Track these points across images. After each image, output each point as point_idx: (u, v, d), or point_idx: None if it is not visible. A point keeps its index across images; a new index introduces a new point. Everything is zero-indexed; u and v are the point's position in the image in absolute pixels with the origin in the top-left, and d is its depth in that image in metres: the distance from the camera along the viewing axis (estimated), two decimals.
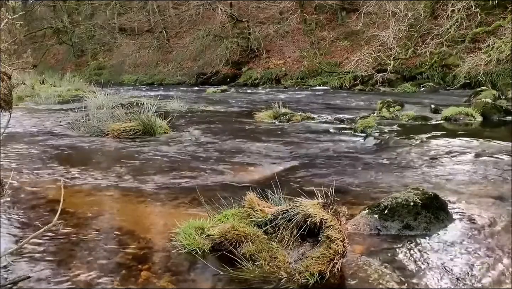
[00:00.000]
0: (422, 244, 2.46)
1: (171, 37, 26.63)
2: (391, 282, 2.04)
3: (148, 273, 2.17)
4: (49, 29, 30.40)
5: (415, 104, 9.13)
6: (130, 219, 3.00)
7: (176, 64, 24.15)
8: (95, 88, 9.12)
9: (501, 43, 12.88)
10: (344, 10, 20.37)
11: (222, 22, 22.46)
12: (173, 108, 9.72)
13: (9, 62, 5.79)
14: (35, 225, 2.81)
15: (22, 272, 2.16)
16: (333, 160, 4.70)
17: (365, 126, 6.15)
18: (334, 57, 18.83)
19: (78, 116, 6.94)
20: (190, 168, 4.43)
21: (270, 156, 4.90)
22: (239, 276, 2.12)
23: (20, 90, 11.92)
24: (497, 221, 2.73)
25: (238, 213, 2.53)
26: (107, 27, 29.27)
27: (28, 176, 4.11)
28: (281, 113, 7.75)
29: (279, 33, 20.99)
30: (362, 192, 3.49)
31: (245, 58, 21.72)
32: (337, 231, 2.12)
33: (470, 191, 3.39)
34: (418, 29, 15.72)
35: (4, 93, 2.34)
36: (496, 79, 12.31)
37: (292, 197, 2.44)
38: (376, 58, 15.38)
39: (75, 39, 30.27)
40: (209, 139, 6.01)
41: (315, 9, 21.35)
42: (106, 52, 29.50)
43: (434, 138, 5.49)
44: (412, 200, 2.69)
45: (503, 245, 2.40)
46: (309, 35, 20.16)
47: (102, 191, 3.67)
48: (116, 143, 5.83)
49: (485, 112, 7.05)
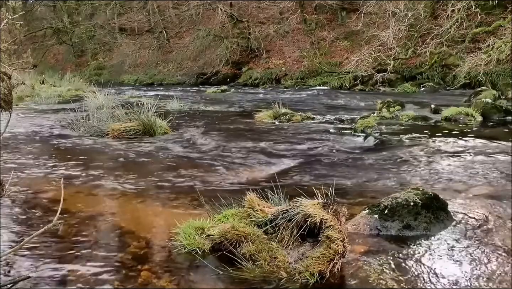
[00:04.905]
0: (422, 244, 2.46)
1: (171, 37, 26.63)
2: (391, 282, 2.04)
3: (148, 273, 2.17)
4: (49, 29, 30.40)
5: (415, 104, 9.13)
6: (130, 219, 3.00)
7: (176, 64, 24.16)
8: (95, 88, 9.11)
9: (501, 43, 12.88)
10: (344, 10, 20.38)
11: (222, 22, 22.47)
12: (173, 108, 9.73)
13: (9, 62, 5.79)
14: (35, 225, 2.81)
15: (22, 272, 2.16)
16: (333, 160, 4.71)
17: (365, 126, 6.15)
18: (334, 57, 18.84)
19: (78, 116, 6.95)
20: (190, 168, 4.43)
21: (270, 156, 4.90)
22: (239, 276, 2.12)
23: (20, 90, 11.91)
24: (497, 221, 2.74)
25: (238, 213, 2.53)
26: (107, 27, 29.28)
27: (28, 176, 4.11)
28: (281, 113, 7.74)
29: (279, 33, 21.00)
30: (362, 192, 3.49)
31: (245, 58, 21.72)
32: (337, 231, 2.12)
33: (470, 191, 3.39)
34: (418, 29, 15.72)
35: (4, 93, 2.35)
36: (496, 79, 12.31)
37: (292, 197, 2.44)
38: (376, 58, 15.38)
39: (75, 39, 30.28)
40: (209, 140, 6.01)
41: (315, 9, 21.35)
42: (106, 52, 29.51)
43: (434, 138, 5.49)
44: (412, 200, 2.69)
45: (503, 245, 2.40)
46: (309, 35, 20.16)
47: (102, 190, 3.67)
48: (116, 143, 5.83)
49: (485, 112, 7.04)
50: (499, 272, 2.12)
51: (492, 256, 2.27)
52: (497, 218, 2.77)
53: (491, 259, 2.24)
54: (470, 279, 2.06)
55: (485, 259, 2.25)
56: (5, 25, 3.82)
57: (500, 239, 2.49)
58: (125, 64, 26.38)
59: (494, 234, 2.56)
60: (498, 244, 2.42)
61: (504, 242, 2.44)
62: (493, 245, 2.41)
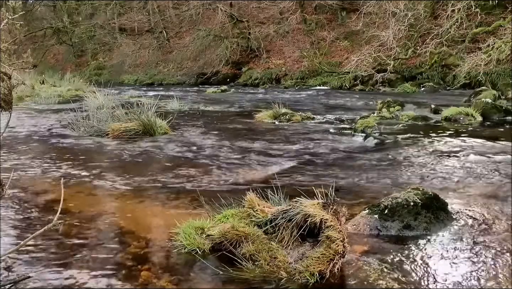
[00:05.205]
0: (422, 244, 2.46)
1: (171, 37, 26.62)
2: (391, 282, 2.04)
3: (148, 273, 2.17)
4: (49, 29, 30.39)
5: (415, 104, 9.12)
6: (130, 219, 3.00)
7: (176, 64, 24.16)
8: (95, 88, 9.11)
9: (501, 43, 12.87)
10: (344, 10, 20.37)
11: (222, 22, 22.47)
12: (173, 108, 9.72)
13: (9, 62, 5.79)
14: (35, 225, 2.81)
15: (22, 272, 2.16)
16: (333, 160, 4.71)
17: (365, 126, 6.15)
18: (334, 57, 18.83)
19: (78, 116, 6.95)
20: (190, 167, 4.43)
21: (270, 156, 4.90)
22: (239, 276, 2.12)
23: (20, 90, 11.91)
24: (497, 221, 2.74)
25: (238, 213, 2.53)
26: (107, 27, 29.28)
27: (28, 176, 4.11)
28: (281, 113, 7.74)
29: (279, 33, 20.99)
30: (362, 192, 3.49)
31: (245, 58, 21.71)
32: (337, 231, 2.12)
33: (470, 191, 3.39)
34: (418, 29, 15.72)
35: (4, 93, 2.34)
36: (496, 79, 12.31)
37: (292, 197, 2.44)
38: (376, 58, 15.38)
39: (75, 39, 30.27)
40: (209, 140, 6.01)
41: (315, 9, 21.35)
42: (106, 52, 29.50)
43: (434, 138, 5.49)
44: (412, 200, 2.69)
45: (503, 245, 2.40)
46: (309, 35, 20.16)
47: (102, 190, 3.67)
48: (116, 143, 5.83)
49: (485, 112, 7.04)
50: (499, 272, 2.12)
51: (492, 256, 2.27)
52: (497, 218, 2.77)
53: (491, 259, 2.24)
54: (470, 279, 2.06)
55: (485, 259, 2.25)
56: (5, 25, 3.82)
57: (500, 239, 2.49)
58: (125, 64, 26.38)
59: (494, 234, 2.56)
60: (498, 244, 2.42)
61: (504, 242, 2.44)
62: (493, 245, 2.41)
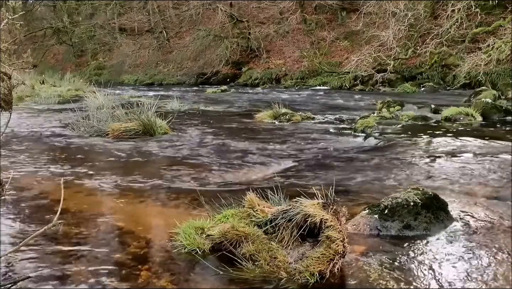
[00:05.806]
0: (422, 244, 2.46)
1: (171, 37, 26.63)
2: (391, 282, 2.04)
3: (148, 273, 2.17)
4: (49, 29, 30.42)
5: (415, 104, 9.12)
6: (130, 219, 2.99)
7: (176, 64, 24.17)
8: (95, 88, 9.11)
9: (501, 43, 12.87)
10: (344, 10, 20.37)
11: (222, 22, 22.48)
12: (173, 108, 9.73)
13: (9, 62, 5.78)
14: (35, 225, 2.81)
15: (22, 272, 2.16)
16: (333, 159, 4.70)
17: (365, 126, 6.15)
18: (334, 57, 18.84)
19: (78, 116, 6.94)
20: (190, 167, 4.43)
21: (270, 156, 4.90)
22: (239, 276, 2.12)
23: (20, 90, 11.90)
24: (497, 221, 2.74)
25: (238, 213, 2.53)
26: (107, 27, 29.29)
27: (28, 176, 4.11)
28: (281, 113, 7.74)
29: (279, 33, 21.00)
30: (362, 192, 3.49)
31: (245, 58, 21.72)
32: (337, 231, 2.12)
33: (470, 191, 3.39)
34: (418, 29, 15.72)
35: (4, 93, 2.35)
36: (496, 79, 12.31)
37: (292, 197, 2.44)
38: (376, 58, 15.38)
39: (75, 39, 30.29)
40: (209, 140, 6.01)
41: (315, 9, 21.35)
42: (106, 52, 29.52)
43: (434, 138, 5.49)
44: (412, 200, 2.69)
45: (503, 245, 2.40)
46: (309, 35, 20.16)
47: (102, 190, 3.67)
48: (116, 143, 5.83)
49: (485, 112, 7.04)
50: (499, 272, 2.12)
51: (492, 256, 2.27)
52: (497, 218, 2.77)
53: (491, 259, 2.24)
54: (470, 279, 2.06)
55: (485, 259, 2.25)
56: (5, 25, 3.82)
57: (500, 239, 2.49)
58: (125, 64, 26.39)
59: (494, 234, 2.55)
60: (498, 244, 2.42)
61: (504, 242, 2.44)
62: (493, 245, 2.41)
